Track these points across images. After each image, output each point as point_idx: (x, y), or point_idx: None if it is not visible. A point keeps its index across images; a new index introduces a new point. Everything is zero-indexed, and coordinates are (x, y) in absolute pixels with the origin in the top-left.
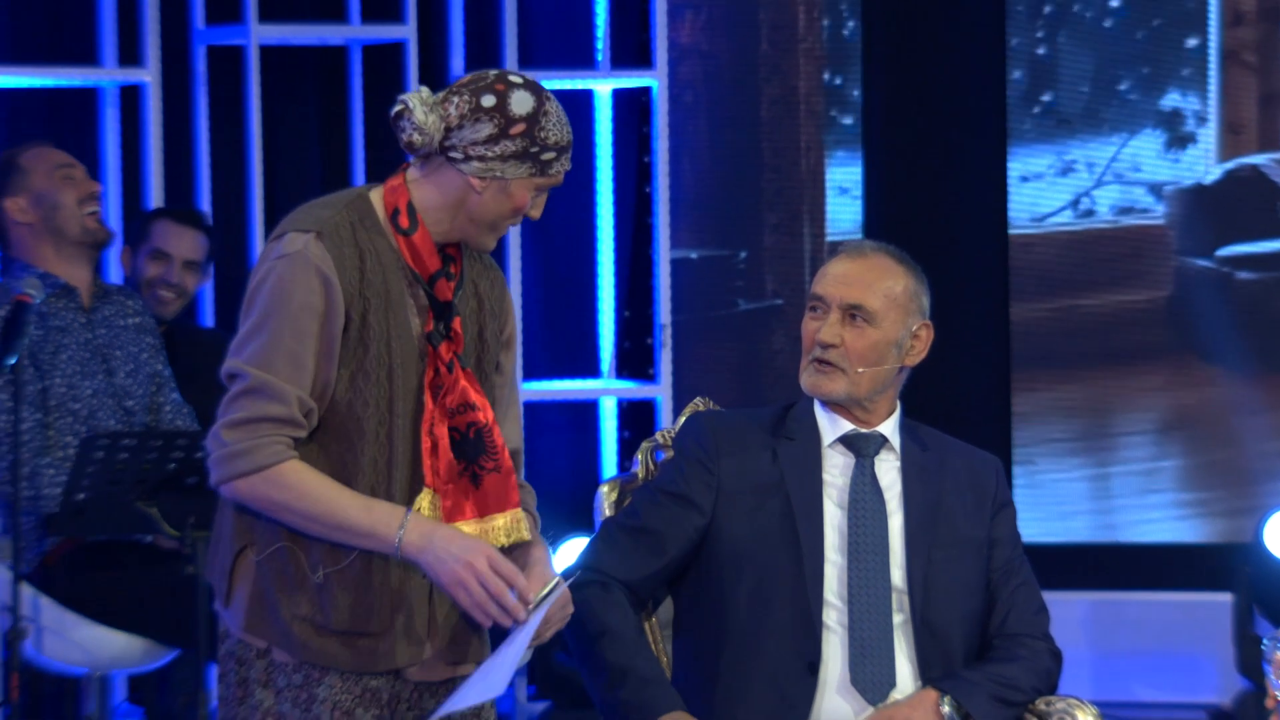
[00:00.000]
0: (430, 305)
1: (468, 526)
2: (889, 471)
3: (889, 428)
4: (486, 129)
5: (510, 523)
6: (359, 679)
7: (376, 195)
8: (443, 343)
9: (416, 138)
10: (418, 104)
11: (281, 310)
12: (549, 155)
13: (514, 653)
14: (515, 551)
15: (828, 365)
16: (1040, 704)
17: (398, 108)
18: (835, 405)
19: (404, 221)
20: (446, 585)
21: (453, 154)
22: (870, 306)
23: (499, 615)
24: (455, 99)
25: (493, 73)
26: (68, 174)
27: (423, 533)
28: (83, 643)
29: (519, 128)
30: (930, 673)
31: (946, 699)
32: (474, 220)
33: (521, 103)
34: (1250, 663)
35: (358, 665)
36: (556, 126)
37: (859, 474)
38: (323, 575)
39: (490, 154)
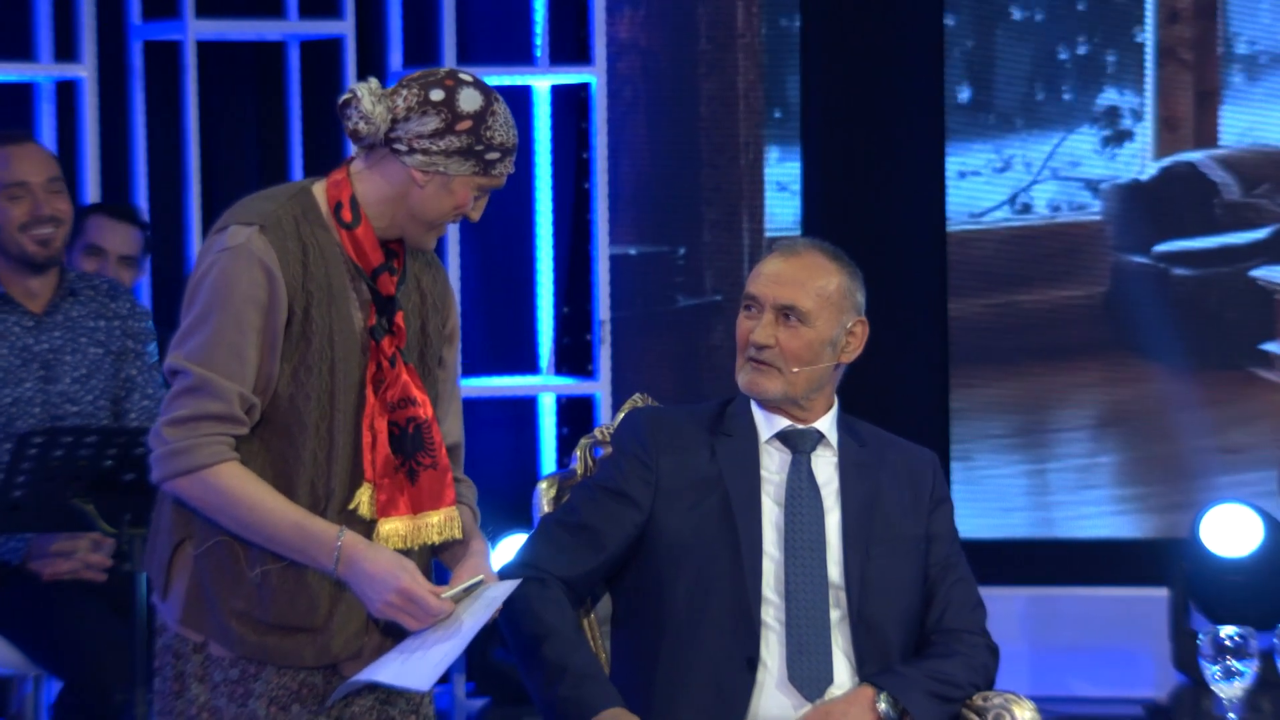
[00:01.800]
0: (373, 300)
1: (401, 522)
2: (826, 467)
3: (826, 424)
4: (433, 122)
5: (444, 520)
6: (296, 673)
7: (319, 189)
8: (385, 337)
9: (362, 126)
10: (366, 93)
11: (224, 304)
12: (493, 155)
13: (446, 651)
14: (453, 548)
15: (763, 365)
16: (978, 699)
17: (345, 96)
18: (772, 403)
19: (347, 215)
20: (375, 615)
21: (397, 145)
22: (803, 306)
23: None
24: (404, 91)
25: (444, 70)
26: (14, 193)
27: (346, 562)
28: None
29: (465, 124)
30: (867, 669)
31: (883, 695)
32: (414, 215)
33: (470, 100)
34: (1186, 658)
35: (295, 660)
36: (503, 128)
37: (795, 470)
38: (259, 573)
39: (435, 148)
